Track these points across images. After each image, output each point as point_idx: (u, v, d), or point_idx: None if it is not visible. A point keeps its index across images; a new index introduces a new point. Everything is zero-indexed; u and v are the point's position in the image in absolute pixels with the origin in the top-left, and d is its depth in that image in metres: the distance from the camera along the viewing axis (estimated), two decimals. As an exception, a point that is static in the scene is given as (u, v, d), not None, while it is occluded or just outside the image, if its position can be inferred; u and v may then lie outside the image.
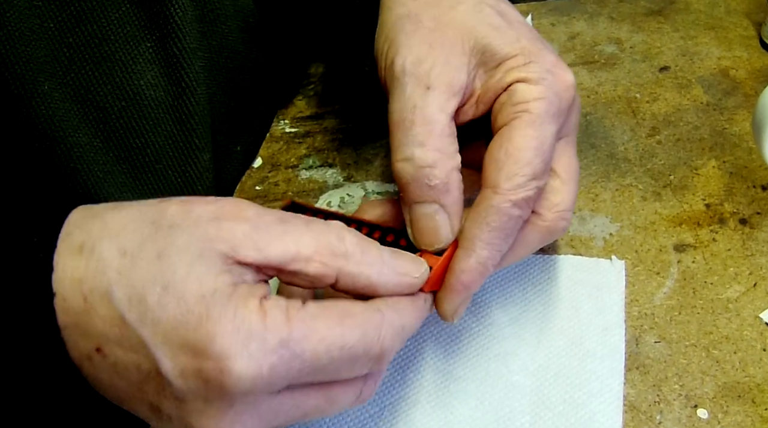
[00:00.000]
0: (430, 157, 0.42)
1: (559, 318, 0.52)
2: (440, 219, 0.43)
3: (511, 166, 0.42)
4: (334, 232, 0.39)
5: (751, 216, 0.57)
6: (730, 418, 0.46)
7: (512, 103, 0.44)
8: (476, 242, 0.42)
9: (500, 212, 0.42)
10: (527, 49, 0.45)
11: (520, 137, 0.43)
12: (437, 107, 0.43)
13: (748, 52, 0.71)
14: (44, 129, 0.52)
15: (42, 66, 0.52)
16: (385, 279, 0.39)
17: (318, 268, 0.38)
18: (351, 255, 0.38)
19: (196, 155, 0.62)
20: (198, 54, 0.60)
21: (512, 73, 0.44)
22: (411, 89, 0.44)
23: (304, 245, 0.37)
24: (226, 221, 0.37)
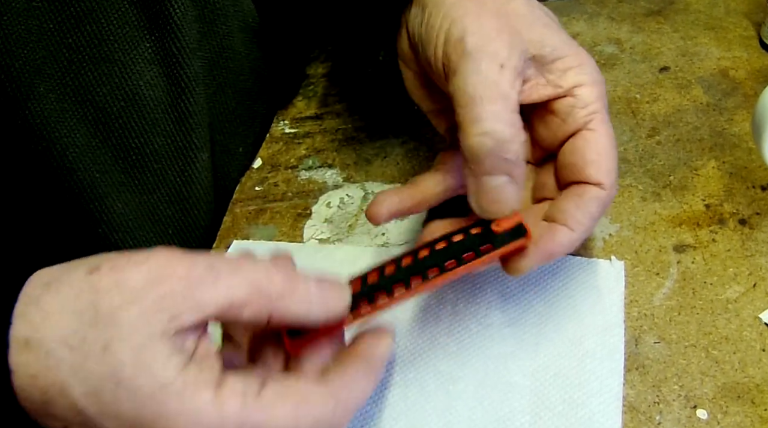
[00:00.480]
0: (508, 132, 0.44)
1: (558, 318, 0.52)
2: (510, 189, 0.46)
3: (606, 164, 0.47)
4: (263, 273, 0.39)
5: (751, 216, 0.57)
6: (730, 419, 0.46)
7: (581, 106, 0.48)
8: (579, 227, 0.46)
9: (603, 205, 0.47)
10: (577, 50, 0.48)
11: (602, 137, 0.48)
12: (510, 84, 0.45)
13: (748, 52, 0.71)
14: (39, 130, 0.53)
15: (39, 67, 0.52)
16: (313, 315, 0.41)
17: (253, 312, 0.39)
18: (282, 295, 0.39)
19: (195, 155, 0.62)
20: (198, 54, 0.60)
21: (571, 75, 0.48)
22: (486, 65, 0.45)
23: (237, 290, 0.38)
24: (161, 284, 0.37)
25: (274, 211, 0.65)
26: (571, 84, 0.48)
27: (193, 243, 0.65)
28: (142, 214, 0.61)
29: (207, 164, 0.64)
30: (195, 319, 0.37)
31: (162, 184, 0.61)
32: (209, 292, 0.38)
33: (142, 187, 0.61)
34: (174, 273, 0.38)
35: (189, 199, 0.63)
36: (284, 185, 0.67)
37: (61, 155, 0.54)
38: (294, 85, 0.78)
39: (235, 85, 0.68)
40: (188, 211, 0.64)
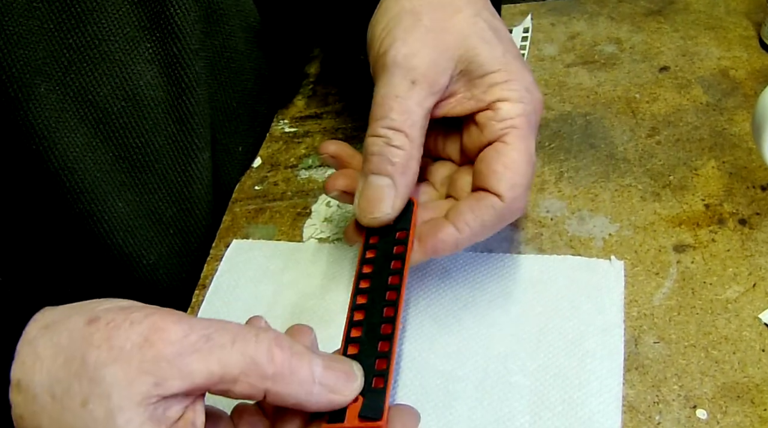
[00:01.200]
0: (399, 140, 0.47)
1: (558, 318, 0.52)
2: (388, 192, 0.48)
3: (510, 177, 0.47)
4: (263, 350, 0.38)
5: (751, 216, 0.57)
6: (729, 419, 0.46)
7: (498, 120, 0.49)
8: (465, 227, 0.48)
9: (498, 215, 0.48)
10: (509, 66, 0.49)
11: (513, 151, 0.48)
12: (417, 101, 0.48)
13: (748, 52, 0.71)
14: (40, 130, 0.53)
15: (40, 67, 0.52)
16: (315, 398, 0.39)
17: (245, 388, 0.38)
18: (281, 375, 0.38)
19: (196, 155, 0.62)
20: (200, 54, 0.60)
21: (495, 90, 0.49)
22: (398, 80, 0.48)
23: (230, 366, 0.37)
24: (150, 350, 0.36)
25: (273, 210, 0.65)
26: (493, 98, 0.49)
27: (194, 242, 0.65)
28: (143, 213, 0.61)
29: (208, 164, 0.64)
30: (181, 387, 0.36)
31: (163, 184, 0.61)
32: (200, 362, 0.37)
33: (143, 186, 0.61)
34: (167, 338, 0.37)
35: (190, 198, 0.63)
36: (284, 184, 0.67)
37: (62, 155, 0.54)
38: (294, 84, 0.78)
39: (237, 85, 0.68)
40: (189, 211, 0.64)
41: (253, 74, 0.70)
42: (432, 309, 0.54)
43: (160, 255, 0.63)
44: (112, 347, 0.36)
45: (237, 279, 0.60)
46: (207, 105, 0.62)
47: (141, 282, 0.62)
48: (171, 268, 0.64)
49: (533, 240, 0.58)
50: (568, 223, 0.59)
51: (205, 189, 0.64)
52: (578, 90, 0.70)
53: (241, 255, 0.62)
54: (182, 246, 0.64)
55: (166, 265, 0.63)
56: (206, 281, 0.60)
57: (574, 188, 0.61)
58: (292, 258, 0.60)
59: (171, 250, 0.64)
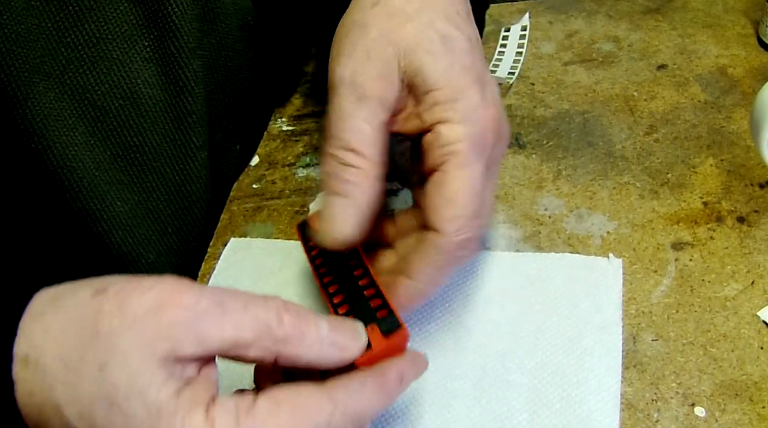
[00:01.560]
0: (351, 159, 0.45)
1: (556, 316, 0.52)
2: (349, 213, 0.45)
3: (450, 210, 0.44)
4: (273, 314, 0.38)
5: (749, 214, 0.57)
6: (728, 416, 0.46)
7: (439, 145, 0.45)
8: (420, 275, 0.45)
9: (444, 253, 0.45)
10: (454, 82, 0.46)
11: (452, 180, 0.45)
12: (364, 118, 0.46)
13: (746, 50, 0.71)
14: (38, 129, 0.52)
15: (38, 66, 0.52)
16: (325, 357, 0.40)
17: (258, 352, 0.38)
18: (290, 338, 0.38)
19: (194, 153, 0.62)
20: (197, 53, 0.60)
21: (436, 111, 0.46)
22: (344, 98, 0.46)
23: (243, 330, 0.37)
24: (164, 313, 0.36)
25: (271, 208, 0.65)
26: (434, 119, 0.46)
27: (192, 241, 0.65)
28: (141, 212, 0.61)
29: (205, 163, 0.63)
30: (196, 351, 0.36)
31: (160, 183, 0.61)
32: (214, 328, 0.37)
33: (141, 185, 0.61)
34: (180, 303, 0.37)
35: (188, 197, 0.63)
36: (282, 183, 0.67)
37: (60, 153, 0.54)
38: (292, 82, 0.78)
39: (234, 84, 0.68)
40: (187, 210, 0.64)
41: (250, 73, 0.70)
42: (429, 307, 0.54)
43: (158, 253, 0.63)
44: (124, 315, 0.36)
45: (235, 277, 0.60)
46: (204, 104, 0.62)
47: None
48: (169, 267, 0.64)
49: (531, 238, 0.58)
50: (566, 221, 0.59)
51: (203, 187, 0.64)
52: (576, 88, 0.70)
53: (239, 254, 0.61)
54: (180, 244, 0.64)
55: (165, 264, 0.63)
56: (204, 279, 0.60)
57: (572, 186, 0.61)
58: (289, 256, 0.60)
59: (169, 249, 0.64)
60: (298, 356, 0.39)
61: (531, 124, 0.67)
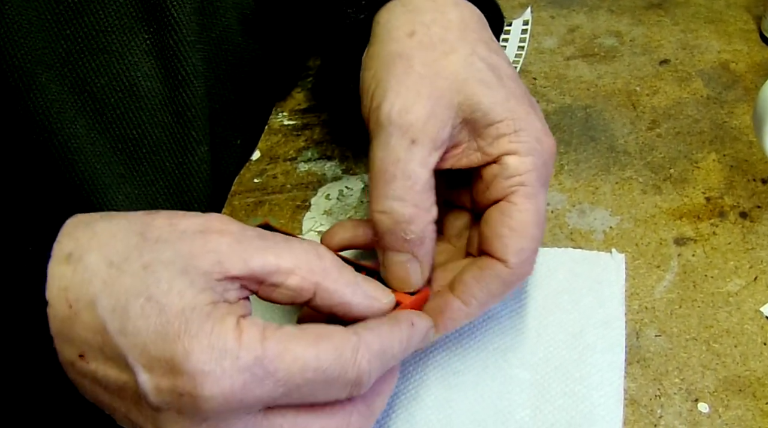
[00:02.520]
0: (408, 213, 0.43)
1: (559, 311, 0.52)
2: (412, 267, 0.45)
3: (517, 241, 0.44)
4: (313, 249, 0.40)
5: (752, 209, 0.57)
6: (731, 412, 0.46)
7: (505, 177, 0.45)
8: (473, 300, 0.45)
9: (505, 283, 0.45)
10: (516, 113, 0.45)
11: (520, 212, 0.44)
12: (419, 162, 0.43)
13: (748, 45, 0.71)
14: (41, 120, 0.52)
15: (39, 58, 0.52)
16: (358, 299, 0.40)
17: (298, 282, 0.39)
18: (329, 271, 0.39)
19: (194, 147, 0.62)
20: (197, 47, 0.60)
21: (502, 143, 0.45)
22: (395, 141, 0.43)
23: (285, 259, 0.38)
24: (211, 234, 0.38)
25: (272, 203, 0.65)
26: (501, 151, 0.45)
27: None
28: (141, 206, 0.61)
29: (205, 157, 0.63)
30: (239, 270, 0.37)
31: (160, 176, 0.61)
32: (257, 253, 0.38)
33: (141, 178, 0.60)
34: (226, 228, 0.38)
35: (187, 191, 0.63)
36: (283, 177, 0.67)
37: (62, 146, 0.54)
38: (293, 76, 0.78)
39: (235, 78, 0.68)
40: (187, 204, 0.63)
41: (250, 67, 0.70)
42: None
43: None
44: (174, 229, 0.38)
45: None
46: (205, 98, 0.62)
47: None
48: None
49: (534, 233, 0.58)
50: (568, 216, 0.58)
51: (203, 182, 0.64)
52: (578, 83, 0.70)
53: (240, 248, 0.61)
54: None
55: None
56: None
57: (574, 181, 0.61)
58: (291, 251, 0.60)
59: None
60: (336, 291, 0.40)
61: (533, 118, 0.67)
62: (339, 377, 0.37)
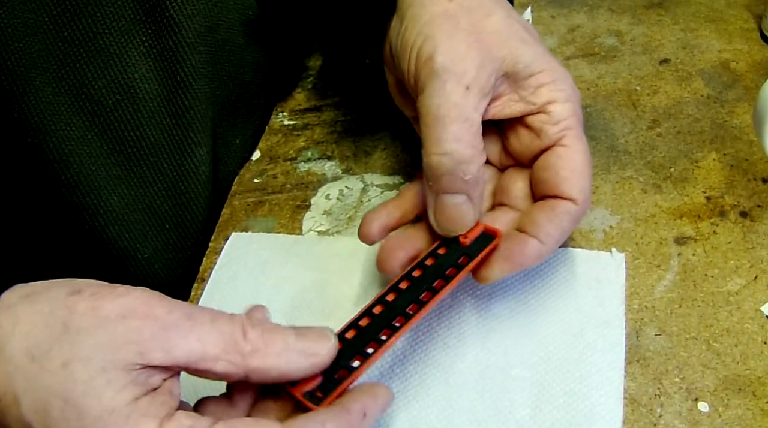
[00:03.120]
0: (468, 154, 0.46)
1: (559, 310, 0.52)
2: (467, 208, 0.48)
3: (580, 180, 0.47)
4: (238, 328, 0.39)
5: (752, 209, 0.57)
6: (731, 412, 0.46)
7: (554, 123, 0.48)
8: (550, 239, 0.47)
9: (574, 219, 0.48)
10: (552, 65, 0.49)
11: (576, 153, 0.48)
12: (474, 107, 0.46)
13: (749, 44, 0.71)
14: (36, 122, 0.52)
15: (35, 60, 0.52)
16: (295, 365, 0.40)
17: (226, 367, 0.38)
18: (255, 350, 0.39)
19: (192, 150, 0.62)
20: (199, 49, 0.60)
21: (544, 91, 0.48)
22: (451, 87, 0.46)
23: (210, 344, 0.38)
24: (134, 320, 0.37)
25: (272, 203, 0.65)
26: (544, 100, 0.48)
27: (190, 237, 0.65)
28: (139, 207, 0.61)
29: (205, 159, 0.63)
30: (161, 360, 0.37)
31: (158, 178, 0.61)
32: (182, 339, 0.37)
33: (138, 180, 0.60)
34: (151, 312, 0.38)
35: (186, 193, 0.63)
36: (283, 177, 0.67)
37: (57, 148, 0.54)
38: (294, 77, 0.78)
39: (236, 79, 0.68)
40: (185, 206, 0.63)
41: (252, 67, 0.70)
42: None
43: (155, 249, 0.62)
44: (96, 315, 0.37)
45: (236, 272, 0.60)
46: (206, 100, 0.62)
47: (136, 276, 0.62)
48: (167, 263, 0.63)
49: (534, 232, 0.58)
50: (568, 216, 0.58)
51: (201, 184, 0.64)
52: (579, 82, 0.70)
53: (240, 249, 0.61)
54: (178, 240, 0.64)
55: (162, 260, 0.63)
56: (205, 274, 0.60)
57: (574, 180, 0.61)
58: (291, 251, 0.60)
59: (167, 245, 0.63)
60: (267, 368, 0.39)
61: (533, 118, 0.67)
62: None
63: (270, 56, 0.73)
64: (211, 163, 0.64)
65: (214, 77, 0.64)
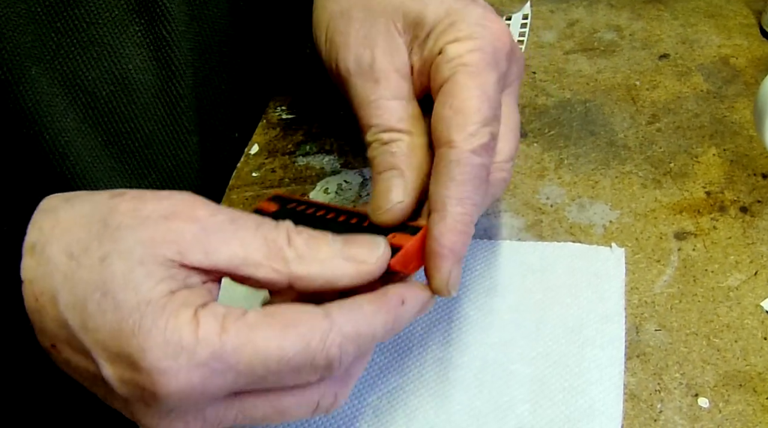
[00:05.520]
0: (391, 136, 0.44)
1: (558, 306, 0.52)
2: (396, 182, 0.43)
3: (459, 119, 0.41)
4: (282, 234, 0.38)
5: (752, 204, 0.57)
6: (731, 407, 0.46)
7: (446, 61, 0.43)
8: (447, 200, 0.41)
9: (461, 164, 0.41)
10: (452, 9, 0.45)
11: (461, 89, 0.42)
12: (389, 96, 0.44)
13: (748, 40, 0.71)
14: (31, 114, 0.52)
15: (29, 51, 0.52)
16: (341, 272, 0.38)
17: (268, 273, 0.37)
18: (301, 257, 0.38)
19: (185, 138, 0.62)
20: (187, 37, 0.60)
21: (441, 38, 0.44)
22: (361, 86, 0.45)
23: (253, 249, 0.37)
24: (176, 221, 0.37)
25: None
26: (440, 45, 0.44)
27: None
28: None
29: (196, 148, 0.63)
30: (201, 262, 0.36)
31: (152, 169, 0.61)
32: (223, 243, 0.37)
33: (133, 171, 0.60)
34: (193, 214, 0.37)
35: (179, 183, 0.63)
36: (281, 171, 0.66)
37: (53, 140, 0.54)
38: (289, 69, 0.77)
39: (227, 69, 0.67)
40: None
41: (243, 58, 0.69)
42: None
43: None
44: (137, 215, 0.37)
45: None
46: (196, 88, 0.62)
47: None
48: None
49: (533, 227, 0.57)
50: (568, 210, 0.58)
51: (194, 173, 0.63)
52: (578, 77, 0.70)
53: (238, 242, 0.61)
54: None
55: None
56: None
57: (574, 175, 0.61)
58: (289, 245, 0.60)
59: None
60: (312, 275, 0.38)
61: (532, 112, 0.67)
62: (306, 365, 0.36)
63: (261, 47, 0.72)
64: (202, 151, 0.64)
65: (202, 67, 0.63)
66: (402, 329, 0.41)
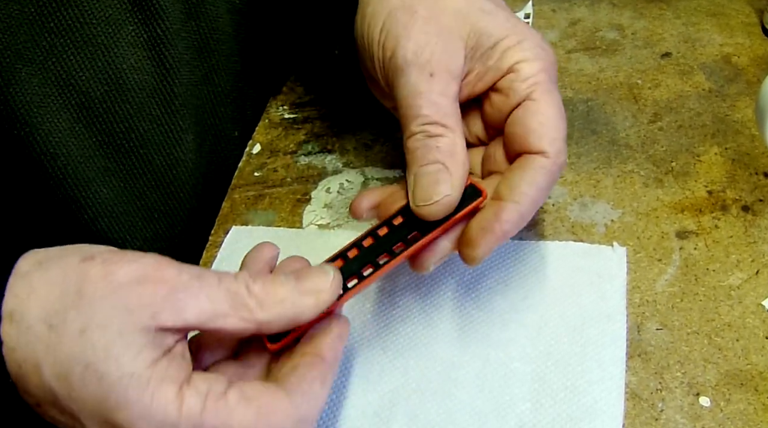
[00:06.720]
0: (437, 130, 0.46)
1: (560, 304, 0.52)
2: (443, 176, 0.46)
3: (550, 133, 0.46)
4: (242, 284, 0.40)
5: (754, 203, 0.56)
6: (733, 406, 0.46)
7: (521, 80, 0.47)
8: (524, 198, 0.45)
9: (549, 174, 0.46)
10: (516, 29, 0.49)
11: (545, 106, 0.47)
12: (440, 92, 0.47)
13: (750, 39, 0.71)
14: (22, 115, 0.52)
15: (21, 52, 0.51)
16: (302, 307, 0.41)
17: (237, 323, 0.39)
18: (262, 302, 0.40)
19: (180, 137, 0.62)
20: (182, 35, 0.60)
21: (510, 54, 0.48)
22: (415, 77, 0.47)
23: (219, 302, 0.39)
24: (147, 285, 0.38)
25: (273, 196, 0.65)
26: (511, 62, 0.48)
27: (179, 226, 0.65)
28: (127, 199, 0.61)
29: (192, 146, 0.63)
30: (174, 323, 0.38)
31: (147, 169, 0.61)
32: (192, 300, 0.38)
33: (127, 172, 0.60)
34: (162, 276, 0.39)
35: (174, 182, 0.63)
36: (283, 170, 0.67)
37: (44, 141, 0.54)
38: (289, 68, 0.77)
39: (227, 68, 0.67)
40: (174, 195, 0.63)
41: (242, 57, 0.69)
42: (433, 296, 0.54)
43: (145, 240, 0.62)
44: (109, 281, 0.38)
45: (236, 265, 0.59)
46: (192, 87, 0.62)
47: None
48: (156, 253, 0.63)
49: (535, 226, 0.57)
50: (570, 209, 0.58)
51: (189, 172, 0.63)
52: (580, 76, 0.70)
53: (241, 242, 0.61)
54: (167, 230, 0.64)
55: (152, 250, 0.62)
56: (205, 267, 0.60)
57: (575, 174, 0.61)
58: (291, 244, 0.60)
59: (156, 235, 0.63)
60: (277, 317, 0.40)
61: (534, 112, 0.67)
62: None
63: (261, 46, 0.72)
64: (197, 150, 0.64)
65: (201, 66, 0.63)
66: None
